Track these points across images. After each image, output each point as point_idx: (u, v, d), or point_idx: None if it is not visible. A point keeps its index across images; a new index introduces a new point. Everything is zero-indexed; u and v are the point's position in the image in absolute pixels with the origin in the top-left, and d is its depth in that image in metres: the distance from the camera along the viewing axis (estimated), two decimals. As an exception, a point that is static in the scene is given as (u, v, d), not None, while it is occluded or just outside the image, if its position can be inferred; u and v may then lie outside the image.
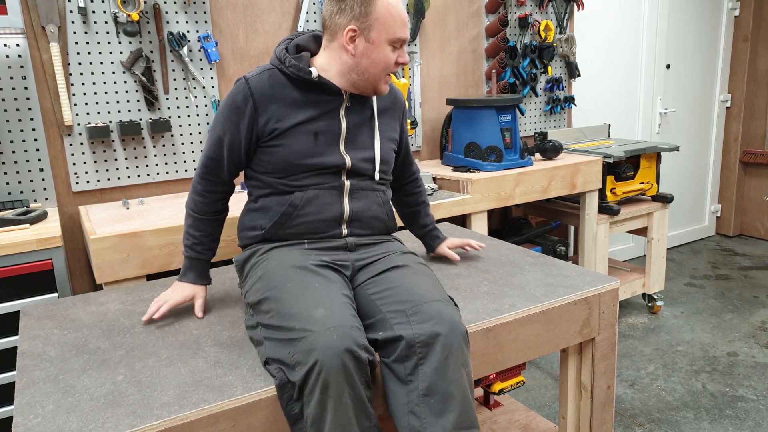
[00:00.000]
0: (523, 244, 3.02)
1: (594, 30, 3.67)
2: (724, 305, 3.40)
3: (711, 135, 4.56)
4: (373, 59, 1.41)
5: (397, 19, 1.39)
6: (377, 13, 1.38)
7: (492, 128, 2.67)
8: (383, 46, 1.40)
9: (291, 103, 1.44)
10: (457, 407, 1.20)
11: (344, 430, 1.13)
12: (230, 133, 1.45)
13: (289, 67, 1.43)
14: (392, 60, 1.42)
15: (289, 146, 1.44)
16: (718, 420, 2.31)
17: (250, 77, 1.44)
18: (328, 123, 1.46)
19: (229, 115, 1.44)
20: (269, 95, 1.43)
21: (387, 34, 1.39)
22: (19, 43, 2.05)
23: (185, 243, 1.52)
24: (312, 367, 1.11)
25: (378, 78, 1.44)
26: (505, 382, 1.94)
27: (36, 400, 1.11)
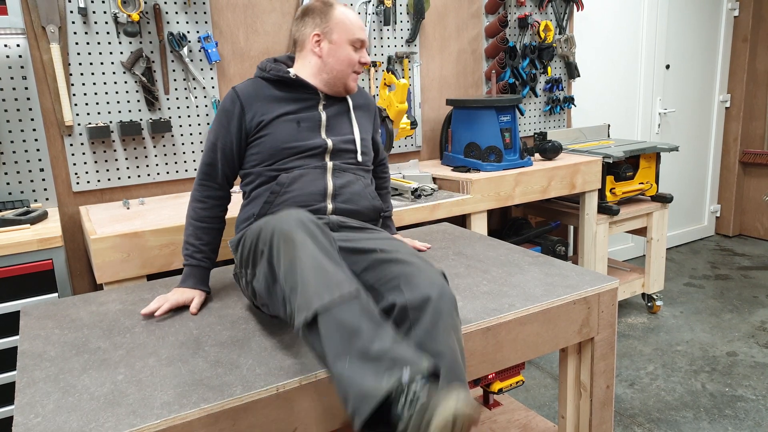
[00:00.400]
0: (522, 244, 3.02)
1: (593, 30, 3.67)
2: (724, 305, 3.41)
3: (710, 135, 4.56)
4: (338, 57, 1.61)
5: (354, 23, 1.62)
6: (335, 18, 1.60)
7: (492, 128, 2.67)
8: (344, 46, 1.61)
9: (273, 99, 1.62)
10: (446, 364, 1.18)
11: (312, 260, 1.18)
12: (222, 136, 1.60)
13: (269, 71, 1.62)
14: (355, 58, 1.62)
15: (274, 134, 1.59)
16: (717, 420, 2.31)
17: (238, 86, 1.63)
18: (309, 114, 1.63)
19: (220, 120, 1.61)
20: (253, 95, 1.61)
21: (346, 35, 1.60)
22: (19, 44, 2.05)
23: (185, 252, 1.59)
24: (271, 236, 1.26)
25: (345, 74, 1.63)
26: (504, 381, 1.95)
27: (36, 399, 1.12)
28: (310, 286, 1.14)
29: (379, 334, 1.10)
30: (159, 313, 1.47)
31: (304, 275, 1.16)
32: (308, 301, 1.13)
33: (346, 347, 1.08)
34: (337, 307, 1.11)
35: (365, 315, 1.12)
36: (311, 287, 1.14)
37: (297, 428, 1.18)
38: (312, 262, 1.17)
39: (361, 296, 1.14)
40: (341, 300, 1.12)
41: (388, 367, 1.05)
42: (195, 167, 2.44)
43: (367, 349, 1.07)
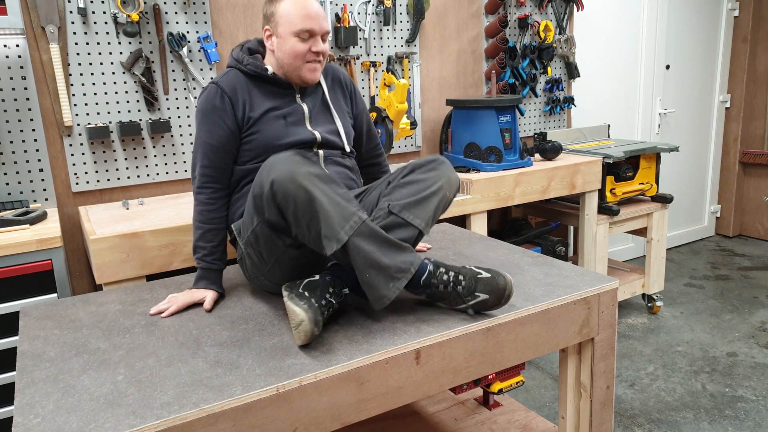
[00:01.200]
0: (522, 245, 3.02)
1: (593, 30, 3.67)
2: (724, 305, 3.41)
3: (710, 135, 4.56)
4: (284, 51, 1.60)
5: (298, 13, 1.57)
6: (280, 11, 1.58)
7: (492, 129, 2.67)
8: (288, 38, 1.58)
9: (256, 95, 1.63)
10: (418, 201, 1.46)
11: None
12: (218, 135, 1.59)
13: (247, 65, 1.62)
14: (302, 49, 1.58)
15: (264, 131, 1.61)
16: (717, 420, 2.31)
17: (219, 80, 1.62)
18: (291, 108, 1.66)
19: (211, 119, 1.59)
20: (237, 89, 1.61)
21: (290, 27, 1.57)
22: (19, 44, 2.05)
23: (196, 255, 1.59)
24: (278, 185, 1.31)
25: (296, 67, 1.61)
26: (504, 382, 1.94)
27: (36, 400, 1.11)
28: (332, 218, 1.31)
29: (385, 250, 1.36)
30: (165, 315, 1.48)
31: (324, 209, 1.31)
32: (334, 232, 1.31)
33: (366, 264, 1.33)
34: (356, 236, 1.32)
35: (375, 237, 1.35)
36: (333, 218, 1.31)
37: (297, 428, 1.18)
38: (327, 198, 1.31)
39: (367, 221, 1.35)
40: (357, 229, 1.32)
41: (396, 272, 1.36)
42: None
43: (380, 263, 1.34)
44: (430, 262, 1.42)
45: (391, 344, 1.29)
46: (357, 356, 1.24)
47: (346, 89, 1.82)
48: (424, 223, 1.47)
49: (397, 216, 1.45)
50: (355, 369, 1.23)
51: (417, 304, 1.48)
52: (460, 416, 1.98)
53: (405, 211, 1.46)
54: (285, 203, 1.32)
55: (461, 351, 1.36)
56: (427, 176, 1.50)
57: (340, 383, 1.21)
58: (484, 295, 1.38)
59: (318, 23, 1.59)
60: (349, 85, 1.83)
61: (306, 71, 1.62)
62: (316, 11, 1.59)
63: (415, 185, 1.49)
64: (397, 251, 1.38)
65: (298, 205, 1.30)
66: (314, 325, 1.26)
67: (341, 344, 1.29)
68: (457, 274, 1.40)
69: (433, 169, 1.51)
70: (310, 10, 1.58)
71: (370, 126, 1.90)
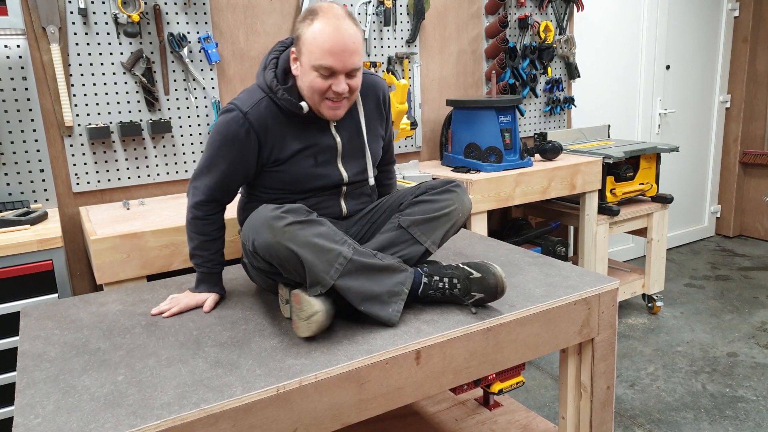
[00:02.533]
0: (522, 245, 3.02)
1: (594, 31, 3.67)
2: (724, 306, 3.41)
3: (710, 136, 4.56)
4: (304, 82, 1.44)
5: (322, 46, 1.37)
6: (305, 37, 1.40)
7: (492, 129, 2.67)
8: (308, 72, 1.42)
9: (287, 133, 1.51)
10: (429, 220, 1.47)
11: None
12: (234, 166, 1.50)
13: (281, 100, 1.47)
14: (321, 86, 1.42)
15: (290, 171, 1.53)
16: (718, 420, 2.31)
17: (248, 111, 1.46)
18: (324, 144, 1.55)
19: (233, 151, 1.48)
20: (268, 127, 1.48)
21: (310, 59, 1.40)
22: (19, 44, 2.05)
23: (194, 261, 1.57)
24: (262, 249, 1.32)
25: (314, 102, 1.46)
26: (504, 382, 1.94)
27: (36, 400, 1.11)
28: (316, 266, 1.30)
29: (375, 278, 1.36)
30: (166, 315, 1.48)
31: (308, 261, 1.29)
32: (320, 279, 1.31)
33: (358, 299, 1.34)
34: (342, 277, 1.32)
35: (363, 269, 1.35)
36: (318, 267, 1.30)
37: (297, 429, 1.18)
38: (309, 248, 1.30)
39: (353, 257, 1.34)
40: (343, 270, 1.32)
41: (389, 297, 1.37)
42: (195, 168, 2.43)
43: (371, 293, 1.35)
44: (423, 274, 1.44)
45: (392, 344, 1.29)
46: (357, 356, 1.24)
47: (383, 109, 1.68)
48: (430, 241, 1.48)
49: (406, 230, 1.46)
50: (356, 369, 1.23)
51: (417, 304, 1.49)
52: (461, 416, 1.98)
53: (414, 227, 1.47)
54: (270, 259, 1.34)
55: (461, 351, 1.37)
56: (441, 197, 1.50)
57: (340, 383, 1.21)
58: (479, 294, 1.42)
59: (341, 61, 1.38)
60: (387, 103, 1.69)
61: (325, 109, 1.47)
62: (342, 46, 1.37)
63: (428, 204, 1.50)
64: (388, 275, 1.39)
65: (282, 261, 1.32)
66: (327, 318, 1.30)
67: (341, 344, 1.30)
68: (451, 278, 1.43)
69: (448, 191, 1.51)
70: (335, 43, 1.37)
71: (392, 139, 1.81)
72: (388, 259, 1.41)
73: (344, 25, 1.38)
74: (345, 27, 1.37)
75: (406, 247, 1.46)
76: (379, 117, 1.67)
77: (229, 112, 1.47)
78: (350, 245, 1.37)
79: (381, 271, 1.38)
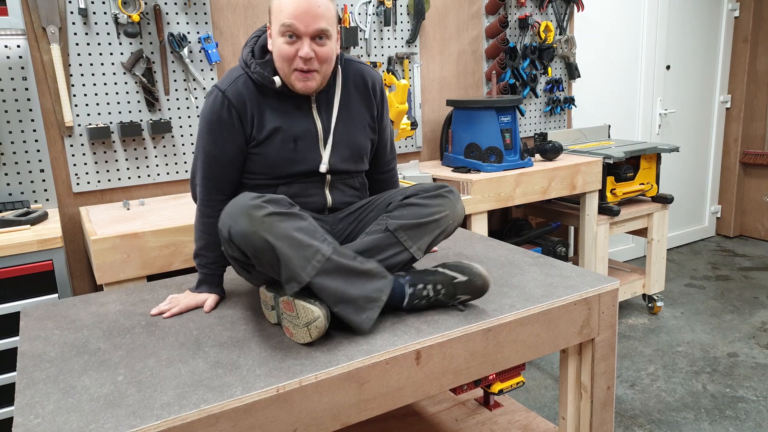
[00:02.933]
0: (523, 245, 3.02)
1: (594, 31, 3.67)
2: (725, 306, 3.40)
3: (711, 136, 4.56)
4: (275, 53, 1.42)
5: (287, 8, 1.35)
6: (272, 6, 1.39)
7: (492, 129, 2.67)
8: (276, 38, 1.39)
9: (265, 108, 1.46)
10: (418, 225, 1.42)
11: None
12: (223, 148, 1.47)
13: (254, 73, 1.44)
14: (288, 52, 1.38)
15: (270, 155, 1.48)
16: (718, 421, 2.31)
17: (226, 88, 1.45)
18: (305, 126, 1.50)
19: (219, 131, 1.46)
20: (246, 102, 1.45)
21: (276, 23, 1.38)
22: (19, 44, 2.05)
23: (198, 262, 1.55)
24: (237, 237, 1.27)
25: (285, 73, 1.42)
26: (504, 382, 1.94)
27: (36, 400, 1.11)
28: (292, 261, 1.26)
29: (353, 281, 1.32)
30: (167, 315, 1.47)
31: (284, 254, 1.26)
32: (295, 275, 1.27)
33: (333, 300, 1.30)
34: (319, 276, 1.28)
35: (341, 270, 1.31)
36: (294, 262, 1.26)
37: (297, 429, 1.18)
38: (287, 242, 1.26)
39: (332, 255, 1.30)
40: (320, 268, 1.28)
41: (365, 303, 1.33)
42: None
43: (347, 296, 1.31)
44: (406, 283, 1.40)
45: (392, 345, 1.29)
46: (357, 357, 1.24)
47: (374, 99, 1.61)
48: (416, 247, 1.43)
49: (392, 234, 1.41)
50: (356, 369, 1.23)
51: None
52: (461, 417, 1.98)
53: (401, 232, 1.42)
54: (245, 249, 1.29)
55: (461, 351, 1.36)
56: (432, 202, 1.45)
57: (340, 384, 1.21)
58: (465, 296, 1.42)
59: (304, 21, 1.35)
60: (379, 94, 1.61)
61: (294, 80, 1.42)
62: (306, 7, 1.34)
63: (418, 208, 1.44)
64: (366, 280, 1.34)
65: (257, 252, 1.27)
66: (327, 321, 1.28)
67: (341, 345, 1.29)
68: (435, 284, 1.40)
69: (440, 196, 1.46)
70: (299, 4, 1.34)
71: (392, 140, 1.74)
72: (368, 264, 1.36)
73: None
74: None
75: (391, 251, 1.42)
76: (367, 106, 1.60)
77: (210, 95, 1.47)
78: (330, 243, 1.33)
79: (360, 275, 1.33)
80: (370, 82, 1.60)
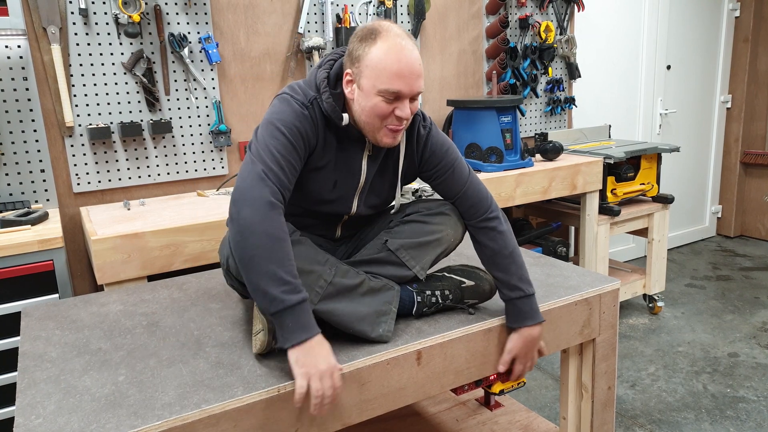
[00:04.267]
0: (523, 245, 3.02)
1: (594, 31, 3.67)
2: (725, 306, 3.40)
3: (711, 136, 4.56)
4: (363, 107, 1.29)
5: (389, 69, 1.24)
6: (369, 59, 1.25)
7: (492, 129, 2.67)
8: (371, 96, 1.27)
9: (325, 140, 1.35)
10: (419, 245, 1.39)
11: None
12: (293, 154, 1.27)
13: (325, 102, 1.31)
14: (385, 111, 1.27)
15: (305, 188, 1.37)
16: (719, 421, 2.31)
17: (309, 106, 1.31)
18: (348, 172, 1.39)
19: (295, 139, 1.28)
20: (317, 126, 1.33)
21: (375, 83, 1.25)
22: (20, 45, 2.05)
23: (291, 291, 1.14)
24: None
25: (373, 127, 1.30)
26: (505, 382, 1.94)
27: (37, 400, 1.11)
28: None
29: (360, 299, 1.31)
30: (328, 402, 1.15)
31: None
32: None
33: (344, 322, 1.28)
34: (324, 301, 1.27)
35: (345, 291, 1.29)
36: None
37: (298, 429, 1.18)
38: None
39: (334, 278, 1.28)
40: (324, 293, 1.27)
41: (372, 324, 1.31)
42: (195, 168, 2.44)
43: (358, 314, 1.29)
44: (414, 292, 1.40)
45: (393, 345, 1.29)
46: (358, 357, 1.24)
47: (417, 154, 1.45)
48: (419, 266, 1.39)
49: (393, 253, 1.38)
50: (357, 370, 1.23)
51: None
52: (462, 417, 1.98)
53: (402, 251, 1.38)
54: (243, 279, 1.20)
55: (462, 352, 1.36)
56: (433, 220, 1.42)
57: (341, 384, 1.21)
58: (473, 300, 1.43)
59: (409, 85, 1.26)
60: (419, 144, 1.44)
61: (383, 136, 1.31)
62: (410, 68, 1.25)
63: (418, 226, 1.41)
64: (373, 295, 1.33)
65: None
66: (273, 338, 1.21)
67: (342, 345, 1.29)
68: (443, 291, 1.41)
69: (441, 213, 1.43)
70: (403, 66, 1.24)
71: (453, 184, 1.44)
72: (373, 281, 1.34)
73: (409, 46, 1.26)
74: (410, 48, 1.26)
75: (393, 269, 1.38)
76: (411, 160, 1.46)
77: (286, 102, 1.31)
78: (332, 265, 1.30)
79: (366, 292, 1.32)
80: (423, 146, 1.44)
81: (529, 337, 1.39)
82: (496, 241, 1.40)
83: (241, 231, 1.15)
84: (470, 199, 1.44)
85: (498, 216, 1.44)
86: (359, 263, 1.40)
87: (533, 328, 1.39)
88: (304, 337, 1.13)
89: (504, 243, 1.40)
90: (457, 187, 1.44)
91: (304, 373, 1.11)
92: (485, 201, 1.45)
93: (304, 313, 1.14)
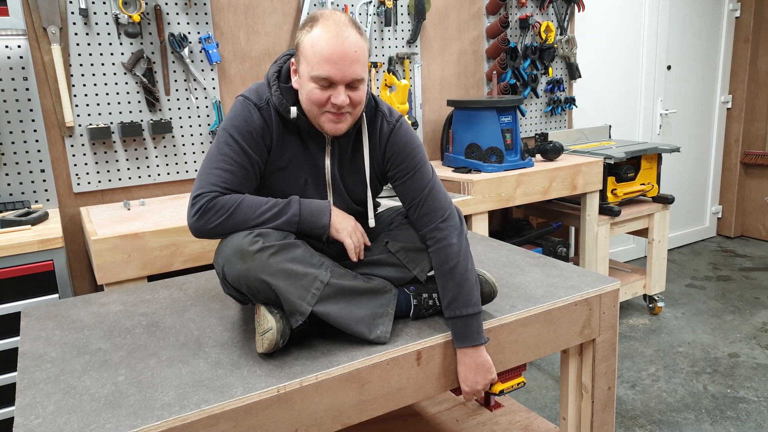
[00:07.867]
0: (523, 245, 3.01)
1: (595, 31, 3.67)
2: (725, 306, 3.40)
3: (712, 136, 4.56)
4: (302, 94, 1.29)
5: (319, 54, 1.23)
6: (304, 45, 1.26)
7: (493, 129, 2.67)
8: (307, 83, 1.27)
9: (281, 139, 1.35)
10: (421, 249, 1.39)
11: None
12: (248, 153, 1.31)
13: (273, 95, 1.33)
14: (320, 98, 1.26)
15: (278, 189, 1.37)
16: (719, 421, 2.31)
17: (263, 106, 1.32)
18: (314, 169, 1.38)
19: (249, 135, 1.31)
20: (272, 124, 1.34)
21: (308, 70, 1.25)
22: (20, 45, 2.05)
23: (281, 211, 1.29)
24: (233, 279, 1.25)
25: (314, 115, 1.30)
26: (505, 383, 1.94)
27: (37, 400, 1.11)
28: (290, 294, 1.24)
29: (357, 301, 1.31)
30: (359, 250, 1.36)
31: (281, 289, 1.23)
32: (296, 306, 1.24)
33: (342, 324, 1.28)
34: (320, 303, 1.26)
35: (342, 293, 1.29)
36: (292, 294, 1.24)
37: (298, 429, 1.18)
38: (282, 275, 1.23)
39: (331, 280, 1.28)
40: (320, 295, 1.26)
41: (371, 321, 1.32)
42: (195, 168, 2.44)
43: (355, 316, 1.30)
44: (411, 294, 1.40)
45: (392, 345, 1.29)
46: (358, 357, 1.24)
47: (379, 146, 1.41)
48: (419, 269, 1.40)
49: (393, 255, 1.39)
50: (356, 370, 1.23)
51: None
52: (462, 417, 1.98)
53: (402, 253, 1.39)
54: (240, 289, 1.27)
55: (462, 352, 1.36)
56: None
57: (341, 384, 1.21)
58: None
59: (341, 70, 1.23)
60: (384, 142, 1.40)
61: (325, 122, 1.30)
62: (342, 53, 1.23)
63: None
64: (370, 297, 1.33)
65: (253, 291, 1.25)
66: (280, 337, 1.24)
67: (342, 345, 1.29)
68: None
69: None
70: (333, 50, 1.22)
71: (434, 193, 1.39)
72: (371, 282, 1.35)
73: (345, 32, 1.23)
74: (346, 34, 1.23)
75: (394, 271, 1.39)
76: (381, 156, 1.43)
77: (239, 103, 1.34)
78: (328, 267, 1.29)
79: (363, 294, 1.32)
80: (385, 139, 1.40)
81: (464, 359, 1.35)
82: (438, 254, 1.35)
83: (195, 228, 1.29)
84: (425, 207, 1.38)
85: (448, 228, 1.36)
86: (360, 264, 1.39)
87: (465, 351, 1.34)
88: (328, 212, 1.34)
89: (446, 257, 1.34)
90: (415, 193, 1.38)
91: (347, 234, 1.35)
92: (441, 211, 1.38)
93: (311, 202, 1.34)
